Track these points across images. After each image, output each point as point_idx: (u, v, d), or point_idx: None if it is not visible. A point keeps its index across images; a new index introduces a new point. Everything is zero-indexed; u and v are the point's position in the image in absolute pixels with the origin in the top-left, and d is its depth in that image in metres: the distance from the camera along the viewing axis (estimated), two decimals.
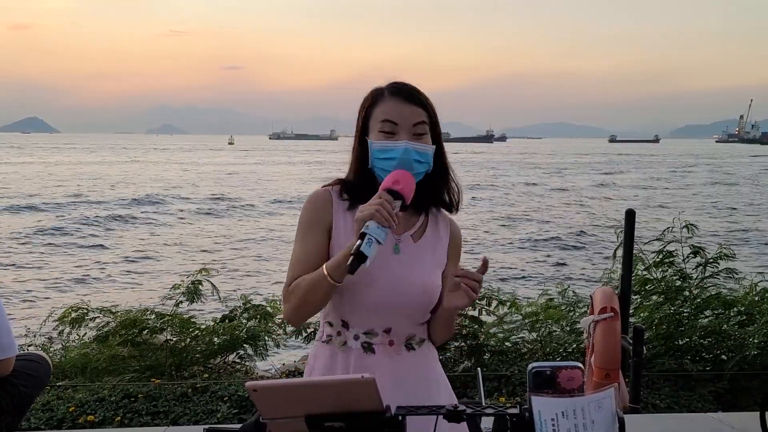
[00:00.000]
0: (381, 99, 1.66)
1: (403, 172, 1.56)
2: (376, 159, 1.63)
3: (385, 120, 1.63)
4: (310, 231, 1.68)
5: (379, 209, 1.45)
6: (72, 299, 8.62)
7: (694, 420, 3.78)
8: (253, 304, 5.47)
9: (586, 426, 1.10)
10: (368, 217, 1.45)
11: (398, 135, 1.61)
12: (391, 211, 1.47)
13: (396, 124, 1.62)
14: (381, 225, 1.45)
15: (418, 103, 1.65)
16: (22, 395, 2.63)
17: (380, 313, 1.65)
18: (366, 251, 1.42)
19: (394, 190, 1.51)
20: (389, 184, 1.53)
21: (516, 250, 19.82)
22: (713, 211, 29.39)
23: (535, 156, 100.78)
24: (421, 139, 1.63)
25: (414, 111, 1.64)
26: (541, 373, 1.15)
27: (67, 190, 35.14)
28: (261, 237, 21.18)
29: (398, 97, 1.65)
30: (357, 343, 1.66)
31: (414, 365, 1.69)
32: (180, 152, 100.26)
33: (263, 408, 1.10)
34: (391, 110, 1.63)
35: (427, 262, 1.69)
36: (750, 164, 76.73)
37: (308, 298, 1.58)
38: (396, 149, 1.60)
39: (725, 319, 5.04)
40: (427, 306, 1.68)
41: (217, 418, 4.01)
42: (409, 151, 1.59)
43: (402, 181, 1.53)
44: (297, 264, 1.64)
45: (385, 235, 1.46)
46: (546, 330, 5.20)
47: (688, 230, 5.25)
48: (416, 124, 1.63)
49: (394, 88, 1.67)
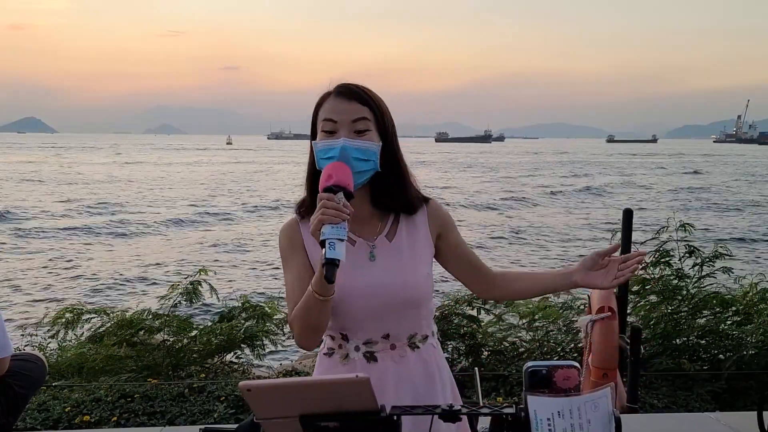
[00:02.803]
0: (325, 100, 1.64)
1: (333, 165, 1.53)
2: (320, 160, 1.60)
3: (325, 119, 1.61)
4: (290, 258, 1.68)
5: (323, 211, 1.43)
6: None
7: (692, 420, 3.77)
8: (252, 304, 5.47)
9: (582, 426, 1.10)
10: (319, 224, 1.44)
11: (338, 133, 1.59)
12: (336, 206, 1.44)
13: (335, 122, 1.59)
14: (334, 224, 1.43)
15: (359, 100, 1.61)
16: (18, 395, 2.62)
17: (373, 320, 1.64)
18: (332, 255, 1.41)
19: (329, 186, 1.49)
20: (323, 182, 1.50)
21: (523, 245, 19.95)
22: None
23: (564, 155, 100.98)
24: (362, 136, 1.59)
25: (353, 107, 1.60)
26: (537, 372, 1.14)
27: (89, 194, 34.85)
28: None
29: (339, 96, 1.62)
30: (359, 354, 1.66)
31: (420, 365, 1.68)
32: (185, 152, 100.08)
33: (257, 408, 1.10)
34: (332, 109, 1.61)
35: (406, 257, 1.68)
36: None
37: (308, 321, 1.57)
38: (335, 147, 1.57)
39: (723, 319, 5.04)
40: (416, 301, 1.67)
41: (213, 418, 4.00)
42: (347, 148, 1.56)
43: (334, 174, 1.50)
44: (291, 292, 1.64)
45: (344, 231, 1.44)
46: (544, 329, 5.20)
47: (684, 229, 5.26)
48: (356, 120, 1.59)
49: (337, 88, 1.64)
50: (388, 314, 1.64)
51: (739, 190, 40.75)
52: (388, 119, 1.66)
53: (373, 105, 1.63)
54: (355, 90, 1.62)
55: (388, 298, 1.63)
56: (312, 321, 1.57)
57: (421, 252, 1.71)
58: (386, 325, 1.65)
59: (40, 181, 42.52)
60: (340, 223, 1.44)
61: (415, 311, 1.68)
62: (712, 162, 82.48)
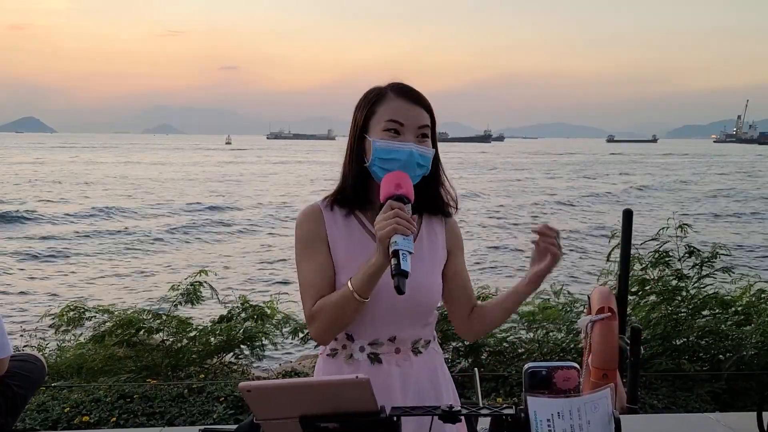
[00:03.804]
0: (385, 98, 1.63)
1: (399, 174, 1.53)
2: (377, 159, 1.59)
3: (391, 119, 1.59)
4: (311, 247, 1.64)
5: (398, 221, 1.41)
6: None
7: (692, 420, 3.77)
8: (251, 305, 5.45)
9: (582, 426, 1.10)
10: (391, 232, 1.41)
11: (403, 136, 1.59)
12: (409, 219, 1.43)
13: (402, 125, 1.59)
14: (406, 236, 1.42)
15: (424, 106, 1.63)
16: (17, 396, 2.62)
17: (384, 322, 1.63)
18: (406, 267, 1.38)
19: (399, 194, 1.47)
20: (392, 189, 1.48)
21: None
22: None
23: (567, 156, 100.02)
24: (424, 143, 1.61)
25: (420, 114, 1.61)
26: (537, 373, 1.14)
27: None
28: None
29: (405, 98, 1.62)
30: (363, 354, 1.64)
31: (422, 369, 1.68)
32: (193, 152, 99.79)
33: (257, 409, 1.09)
34: (398, 110, 1.60)
35: (427, 263, 1.68)
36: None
37: (338, 319, 1.55)
38: (401, 151, 1.56)
39: (723, 320, 5.04)
40: (429, 308, 1.68)
41: (213, 418, 4.00)
42: (414, 154, 1.56)
43: (403, 184, 1.50)
44: (312, 283, 1.61)
45: (412, 245, 1.42)
46: (543, 330, 5.20)
47: (682, 230, 5.25)
48: (421, 126, 1.61)
49: (399, 88, 1.64)
50: (398, 317, 1.63)
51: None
52: (435, 125, 1.68)
53: (432, 113, 1.65)
54: (418, 95, 1.63)
55: (402, 301, 1.60)
56: (342, 320, 1.56)
57: (437, 259, 1.72)
58: (395, 327, 1.64)
59: (58, 182, 41.39)
60: (409, 236, 1.43)
61: (424, 317, 1.68)
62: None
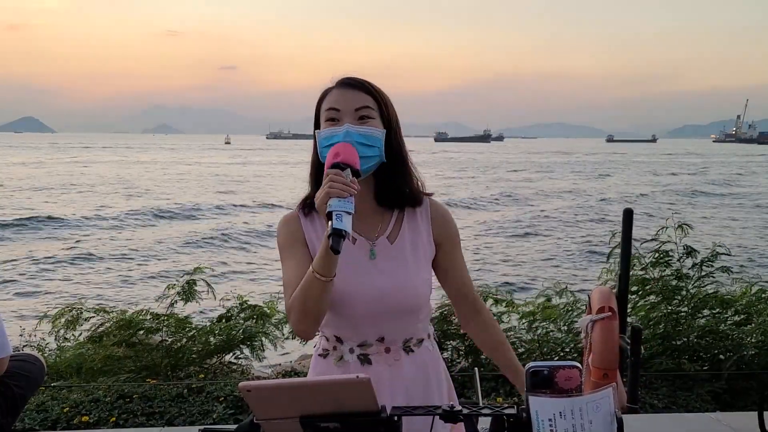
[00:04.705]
0: (328, 94, 1.65)
1: (340, 144, 1.53)
2: (322, 149, 1.59)
3: (328, 109, 1.61)
4: (291, 249, 1.66)
5: (331, 185, 1.42)
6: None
7: (692, 420, 3.77)
8: (250, 305, 5.45)
9: (584, 426, 1.09)
10: (326, 198, 1.42)
11: (341, 121, 1.59)
12: (344, 180, 1.44)
13: (338, 110, 1.60)
14: (341, 197, 1.42)
15: (362, 89, 1.63)
16: (16, 396, 2.61)
17: (369, 323, 1.63)
18: (339, 226, 1.39)
19: (336, 163, 1.48)
20: (330, 160, 1.50)
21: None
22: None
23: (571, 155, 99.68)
24: (366, 123, 1.59)
25: (356, 96, 1.61)
26: (539, 372, 1.13)
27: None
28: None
29: (342, 87, 1.63)
30: (353, 356, 1.65)
31: (414, 368, 1.67)
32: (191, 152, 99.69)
33: (257, 409, 1.09)
34: (334, 99, 1.62)
35: (409, 260, 1.66)
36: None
37: (306, 305, 1.54)
38: (338, 133, 1.56)
39: (723, 319, 5.04)
40: (415, 307, 1.66)
41: (212, 418, 3.99)
42: (351, 133, 1.55)
43: (342, 152, 1.50)
44: (289, 281, 1.61)
45: (351, 205, 1.42)
46: (543, 330, 5.19)
47: (683, 230, 5.24)
48: (359, 108, 1.60)
49: (339, 81, 1.65)
50: (384, 318, 1.63)
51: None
52: (392, 110, 1.66)
53: (376, 94, 1.63)
54: (357, 80, 1.64)
55: (387, 303, 1.61)
56: (310, 305, 1.53)
57: (422, 254, 1.69)
58: (382, 328, 1.64)
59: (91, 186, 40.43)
60: (347, 197, 1.42)
61: (413, 316, 1.67)
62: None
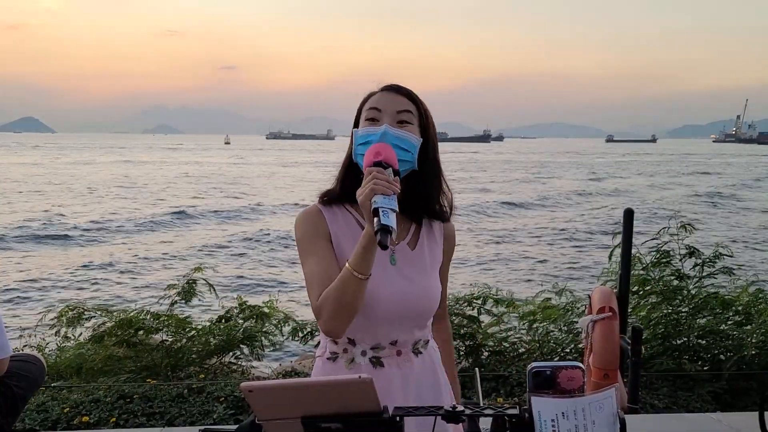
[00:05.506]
0: (372, 95, 1.68)
1: (380, 144, 1.53)
2: (358, 146, 1.61)
3: (370, 108, 1.63)
4: (315, 242, 1.64)
5: (375, 182, 1.43)
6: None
7: (693, 420, 3.77)
8: (249, 305, 5.45)
9: (587, 426, 1.09)
10: (370, 194, 1.42)
11: (381, 121, 1.61)
12: (388, 178, 1.44)
13: (379, 111, 1.62)
14: (385, 195, 1.42)
15: (404, 94, 1.66)
16: (16, 396, 2.61)
17: (386, 327, 1.63)
18: (387, 222, 1.38)
19: (377, 161, 1.48)
20: (371, 158, 1.50)
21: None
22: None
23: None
24: (404, 128, 1.61)
25: (398, 99, 1.64)
26: (541, 373, 1.13)
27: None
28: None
29: (387, 90, 1.67)
30: (365, 359, 1.64)
31: (423, 370, 1.68)
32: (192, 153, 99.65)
33: (258, 409, 1.08)
34: (377, 100, 1.64)
35: (428, 267, 1.69)
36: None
37: (342, 303, 1.52)
38: (376, 133, 1.58)
39: (723, 319, 5.04)
40: (430, 311, 1.69)
41: (213, 419, 3.99)
42: (388, 134, 1.57)
43: (383, 152, 1.50)
44: (317, 276, 1.58)
45: (395, 203, 1.42)
46: (544, 330, 5.19)
47: (686, 230, 5.24)
48: (400, 111, 1.62)
49: (385, 85, 1.69)
50: (401, 322, 1.64)
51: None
52: (431, 122, 1.69)
53: (418, 102, 1.67)
54: (402, 87, 1.67)
55: (407, 307, 1.63)
56: (346, 302, 1.51)
57: (436, 263, 1.73)
58: (397, 332, 1.64)
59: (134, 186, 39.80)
60: (391, 195, 1.42)
61: (426, 320, 1.70)
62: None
